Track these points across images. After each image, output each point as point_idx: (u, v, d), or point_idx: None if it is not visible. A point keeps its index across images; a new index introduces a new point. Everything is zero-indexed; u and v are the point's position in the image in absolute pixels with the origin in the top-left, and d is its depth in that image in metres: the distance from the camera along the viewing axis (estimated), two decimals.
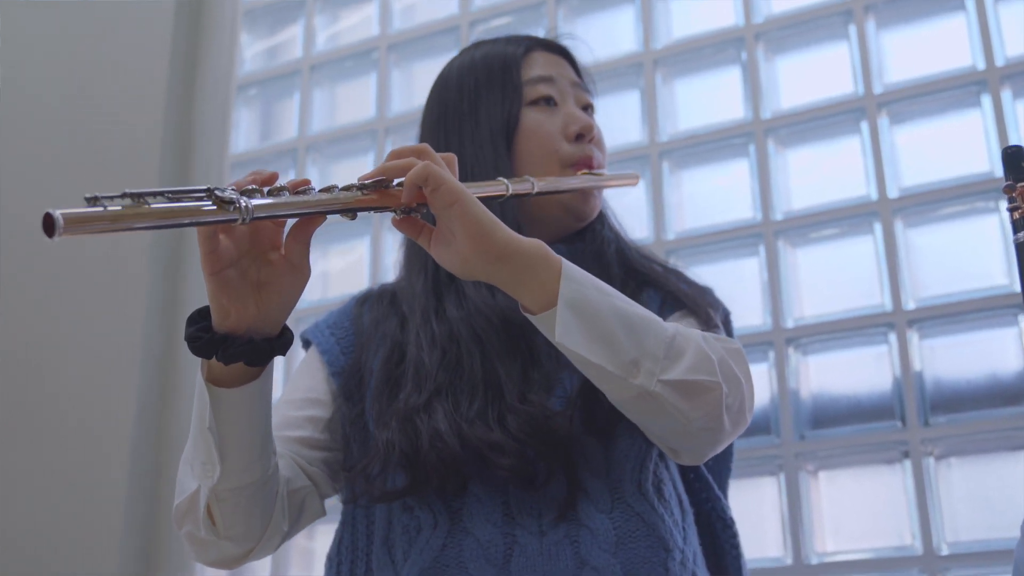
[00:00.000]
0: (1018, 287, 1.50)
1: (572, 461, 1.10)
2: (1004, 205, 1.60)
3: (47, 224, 0.76)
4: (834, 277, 1.73)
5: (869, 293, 1.67)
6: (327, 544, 1.23)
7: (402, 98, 2.17)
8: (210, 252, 0.94)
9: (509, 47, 1.32)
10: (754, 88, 1.85)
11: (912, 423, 1.57)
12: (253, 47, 2.40)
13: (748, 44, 1.88)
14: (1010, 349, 1.59)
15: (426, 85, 2.17)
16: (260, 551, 1.13)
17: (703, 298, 1.26)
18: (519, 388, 1.12)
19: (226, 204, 0.87)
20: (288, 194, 0.93)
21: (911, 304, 1.63)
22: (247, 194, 0.90)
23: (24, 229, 2.30)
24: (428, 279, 1.23)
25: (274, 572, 1.95)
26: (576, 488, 1.10)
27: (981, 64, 1.70)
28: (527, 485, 1.09)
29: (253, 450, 1.05)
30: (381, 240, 2.03)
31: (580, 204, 1.27)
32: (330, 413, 1.23)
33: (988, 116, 1.67)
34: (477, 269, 0.99)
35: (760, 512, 1.64)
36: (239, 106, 2.32)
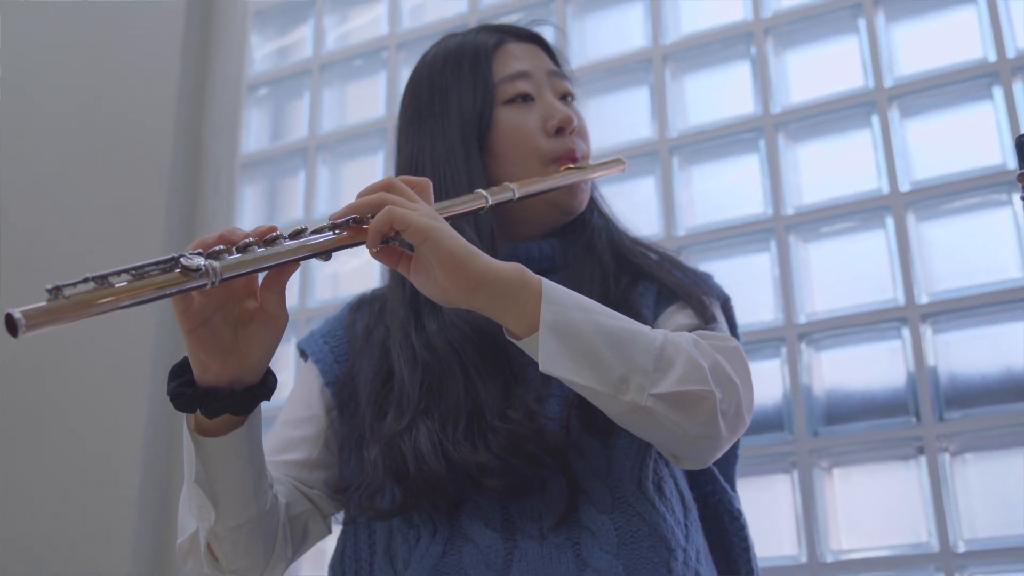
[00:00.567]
0: None
1: (569, 465, 1.08)
2: (1017, 196, 1.59)
3: (8, 324, 0.76)
4: (846, 272, 1.72)
5: (881, 288, 1.66)
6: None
7: None
8: (184, 311, 0.94)
9: (480, 38, 1.28)
10: (764, 83, 1.84)
11: (927, 419, 1.56)
12: (263, 47, 2.40)
13: (757, 39, 1.87)
14: None
15: None
16: None
17: (699, 287, 1.23)
18: (499, 406, 1.10)
19: (193, 272, 0.87)
20: (257, 248, 0.92)
21: (924, 298, 1.62)
22: (214, 256, 0.89)
23: (36, 232, 2.31)
24: (407, 291, 1.20)
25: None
26: (574, 488, 1.08)
27: (992, 56, 1.68)
28: (522, 497, 1.08)
29: (246, 491, 1.05)
30: None
31: (567, 199, 1.24)
32: (324, 427, 1.23)
33: (1000, 108, 1.66)
34: (456, 298, 0.98)
35: (774, 510, 1.64)
36: (250, 106, 2.32)
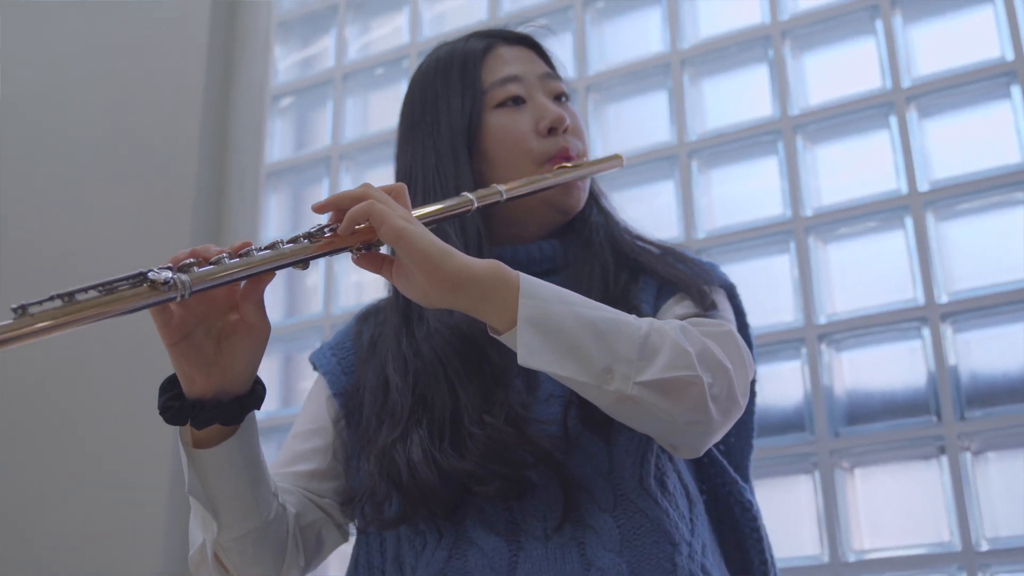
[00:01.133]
0: None
1: (560, 466, 1.08)
2: None
3: None
4: (865, 273, 1.72)
5: (901, 288, 1.66)
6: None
7: None
8: (164, 325, 0.96)
9: (470, 44, 1.28)
10: (781, 85, 1.84)
11: (948, 418, 1.56)
12: (287, 58, 2.43)
13: (775, 41, 1.87)
14: None
15: None
16: None
17: (699, 277, 1.22)
18: (478, 411, 1.10)
19: (161, 285, 0.88)
20: (229, 260, 0.93)
21: (944, 298, 1.62)
22: (184, 269, 0.90)
23: (63, 242, 2.35)
24: (400, 298, 1.22)
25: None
26: (573, 490, 1.08)
27: (1010, 55, 1.68)
28: (522, 499, 1.09)
29: (246, 501, 1.06)
30: None
31: (563, 198, 1.24)
32: (333, 438, 1.24)
33: (1018, 107, 1.65)
34: (436, 299, 0.98)
35: (796, 510, 1.64)
36: (274, 116, 2.35)
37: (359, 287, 2.15)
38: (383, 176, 2.23)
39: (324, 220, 1.01)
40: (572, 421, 1.12)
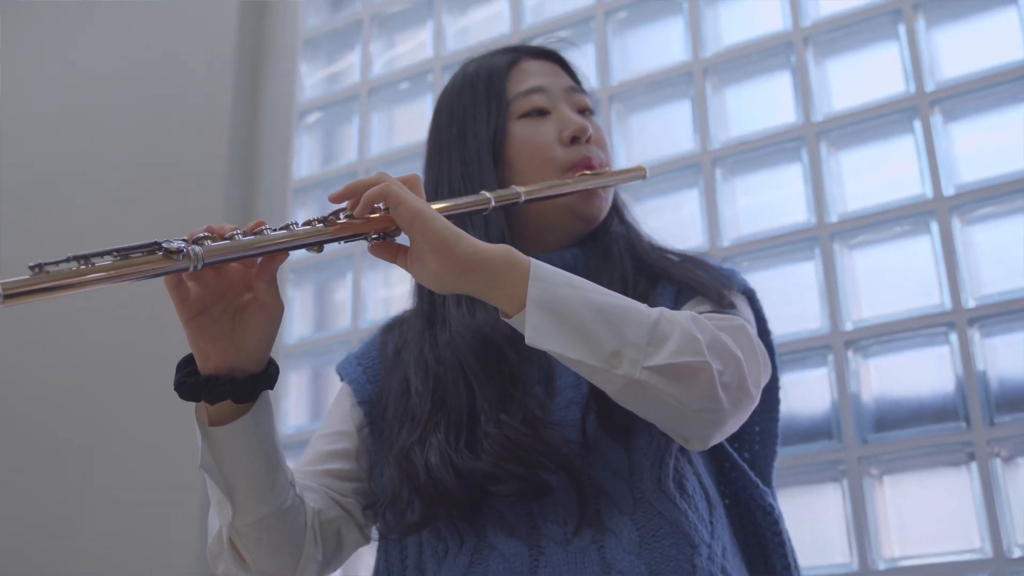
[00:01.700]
0: None
1: (575, 469, 1.09)
2: None
3: None
4: (892, 278, 1.71)
5: (928, 293, 1.65)
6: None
7: None
8: (181, 301, 0.98)
9: (495, 59, 1.32)
10: (804, 92, 1.84)
11: (977, 424, 1.55)
12: (313, 75, 2.45)
13: (797, 48, 1.87)
14: None
15: None
16: None
17: (718, 281, 1.23)
18: (494, 411, 1.12)
19: (173, 254, 0.91)
20: (241, 237, 0.96)
21: (971, 303, 1.61)
22: (197, 242, 0.93)
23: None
24: (424, 303, 1.24)
25: None
26: (592, 494, 1.09)
27: None
28: (539, 498, 1.09)
29: (261, 483, 1.08)
30: None
31: (584, 205, 1.26)
32: (356, 444, 1.26)
33: None
34: (448, 282, 1.00)
35: (825, 518, 1.63)
36: (301, 132, 2.38)
37: (387, 302, 2.16)
38: None
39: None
40: (591, 426, 1.13)
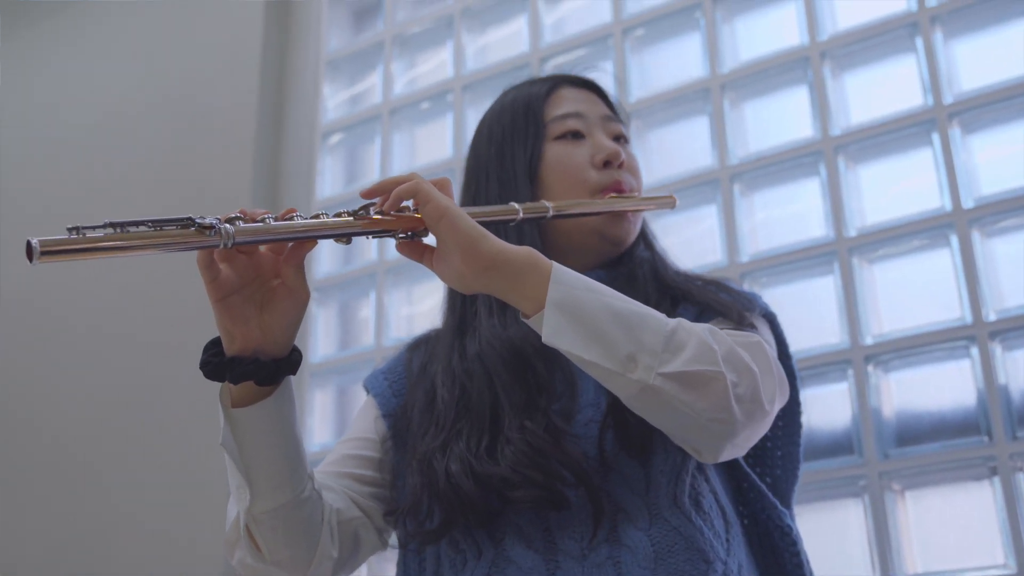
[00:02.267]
0: None
1: (592, 484, 1.10)
2: None
3: (27, 250, 0.83)
4: (911, 292, 1.71)
5: (948, 306, 1.64)
6: None
7: None
8: (211, 280, 1.02)
9: (533, 88, 1.36)
10: (822, 106, 1.84)
11: (999, 438, 1.54)
12: (336, 96, 2.48)
13: (814, 63, 1.87)
14: None
15: None
16: None
17: (739, 302, 1.24)
18: (520, 417, 1.13)
19: (206, 230, 0.94)
20: (272, 221, 1.00)
21: (992, 316, 1.60)
22: (230, 222, 0.96)
23: (130, 274, 2.42)
24: (456, 317, 1.27)
25: None
26: (613, 506, 1.10)
27: None
28: (556, 509, 1.10)
29: (280, 469, 1.10)
30: None
31: (611, 228, 1.28)
32: (380, 454, 1.28)
33: None
34: (471, 281, 1.02)
35: (846, 534, 1.62)
36: (324, 153, 2.40)
37: (410, 319, 2.18)
38: None
39: None
40: (609, 444, 1.14)
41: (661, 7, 2.08)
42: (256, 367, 1.04)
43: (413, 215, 1.04)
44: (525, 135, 1.30)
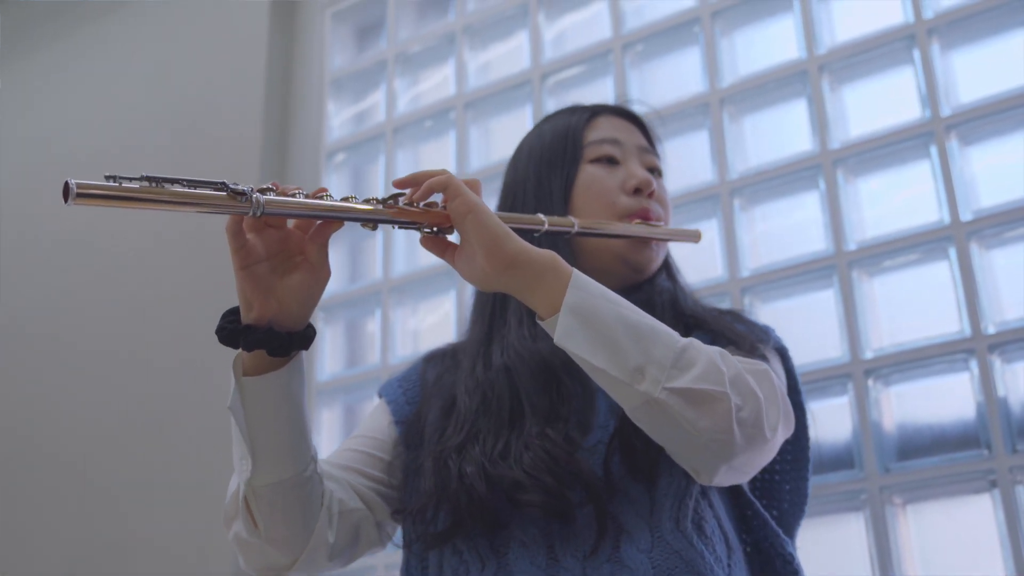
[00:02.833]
0: None
1: (598, 495, 1.12)
2: None
3: (64, 190, 0.86)
4: (911, 305, 1.71)
5: (948, 319, 1.65)
6: None
7: (480, 154, 2.24)
8: (239, 248, 1.04)
9: (575, 116, 1.39)
10: (820, 120, 1.85)
11: (999, 450, 1.54)
12: (340, 114, 2.50)
13: (812, 76, 1.88)
14: None
15: (503, 140, 2.25)
16: (306, 562, 1.17)
17: (753, 333, 1.27)
18: (541, 424, 1.16)
19: (238, 195, 0.96)
20: (303, 197, 1.01)
21: (991, 328, 1.60)
22: (262, 192, 0.98)
23: (133, 297, 2.45)
24: (484, 326, 1.30)
25: None
26: (616, 526, 1.12)
27: None
28: (562, 520, 1.12)
29: (284, 443, 1.11)
30: (466, 297, 2.09)
31: (634, 254, 1.31)
32: (389, 456, 1.30)
33: None
34: (493, 280, 1.05)
35: (847, 548, 1.63)
36: (329, 172, 2.42)
37: (415, 336, 2.20)
38: None
39: None
40: (615, 466, 1.16)
41: (660, 22, 2.09)
42: (269, 336, 1.06)
43: (441, 211, 1.07)
44: (563, 157, 1.34)
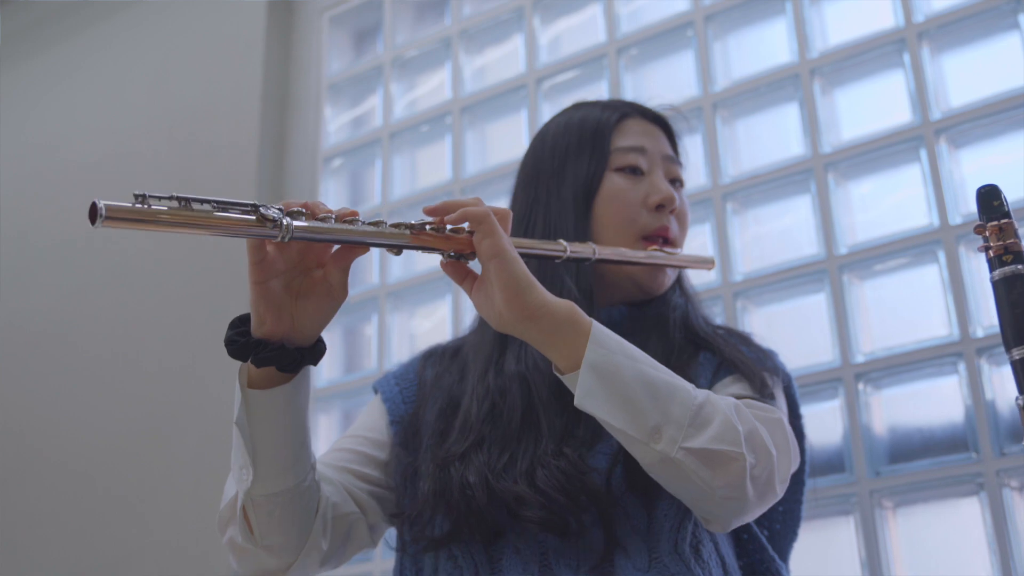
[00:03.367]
0: None
1: (609, 516, 1.12)
2: None
3: (91, 212, 0.85)
4: (901, 309, 1.72)
5: (937, 323, 1.65)
6: None
7: (476, 159, 2.25)
8: (258, 262, 1.02)
9: (605, 113, 1.37)
10: (812, 123, 1.85)
11: (986, 454, 1.54)
12: (337, 119, 2.51)
13: (804, 80, 1.88)
14: None
15: (499, 145, 2.26)
16: (300, 568, 1.17)
17: (762, 364, 1.27)
18: (557, 441, 1.15)
19: (268, 221, 0.94)
20: (334, 222, 1.00)
21: (979, 332, 1.61)
22: (292, 215, 0.97)
23: (132, 313, 2.46)
24: (494, 333, 1.27)
25: None
26: (612, 542, 1.12)
27: None
28: (560, 534, 1.12)
29: (286, 455, 1.10)
30: (462, 301, 2.10)
31: (647, 280, 1.31)
32: (385, 456, 1.29)
33: None
34: (509, 324, 1.04)
35: (837, 553, 1.63)
36: (326, 177, 2.43)
37: (412, 340, 2.21)
38: None
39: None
40: (616, 480, 1.16)
41: (654, 26, 2.10)
42: (281, 354, 1.05)
43: (466, 236, 1.06)
44: (590, 157, 1.33)
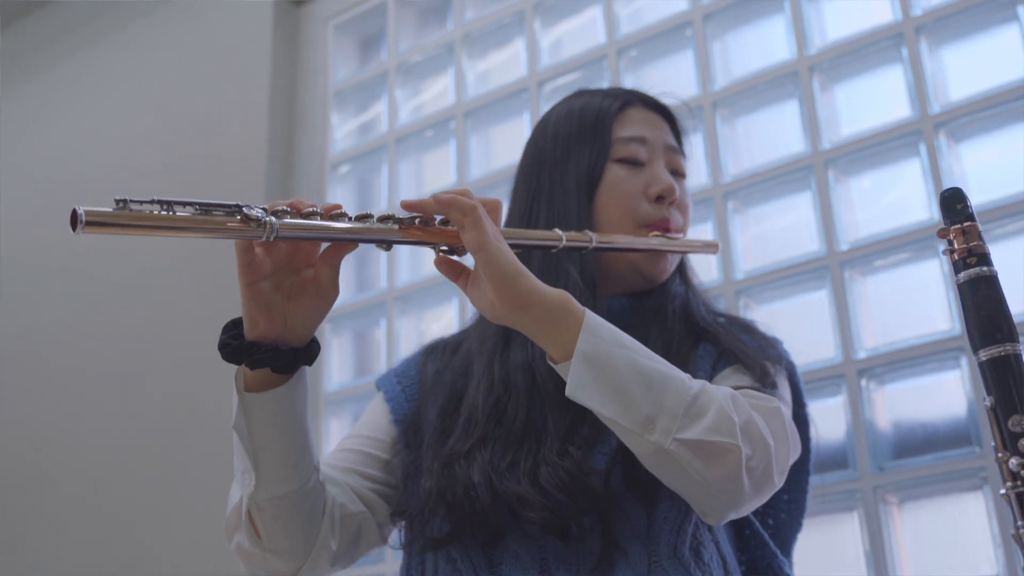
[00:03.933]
0: None
1: (608, 518, 1.12)
2: None
3: (72, 218, 0.84)
4: (902, 304, 1.71)
5: (939, 318, 1.65)
6: None
7: (480, 162, 2.26)
8: (246, 264, 1.02)
9: (606, 101, 1.36)
10: (811, 120, 1.85)
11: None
12: (343, 126, 2.53)
13: (803, 77, 1.88)
14: None
15: (503, 148, 2.27)
16: (309, 570, 1.17)
17: (764, 352, 1.25)
18: (561, 441, 1.14)
19: (252, 222, 0.93)
20: (320, 219, 0.99)
21: None
22: (277, 215, 0.96)
23: (139, 323, 2.49)
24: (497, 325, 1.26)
25: None
26: (612, 545, 1.11)
27: None
28: (561, 537, 1.11)
29: (287, 457, 1.10)
30: (468, 303, 2.12)
31: (648, 266, 1.30)
32: (389, 455, 1.29)
33: None
34: (503, 315, 1.03)
35: (841, 549, 1.64)
36: (334, 184, 2.45)
37: (420, 337, 2.22)
38: None
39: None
40: (615, 481, 1.15)
41: (653, 26, 2.10)
42: (274, 355, 1.04)
43: (455, 230, 1.04)
44: (591, 146, 1.31)
